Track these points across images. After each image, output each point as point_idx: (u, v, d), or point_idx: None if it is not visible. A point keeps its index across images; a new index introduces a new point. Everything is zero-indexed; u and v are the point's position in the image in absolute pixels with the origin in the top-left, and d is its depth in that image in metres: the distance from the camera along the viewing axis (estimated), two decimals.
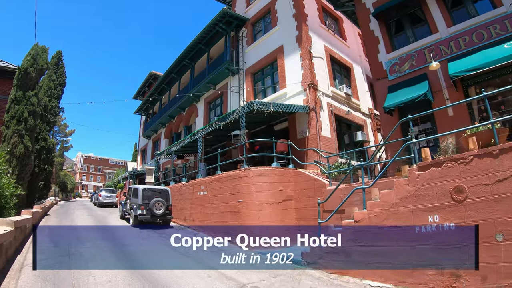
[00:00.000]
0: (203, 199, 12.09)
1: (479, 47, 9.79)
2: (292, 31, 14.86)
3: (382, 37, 12.26)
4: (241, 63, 16.95)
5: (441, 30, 10.76)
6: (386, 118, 11.53)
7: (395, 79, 11.50)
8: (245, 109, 11.69)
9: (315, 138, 13.11)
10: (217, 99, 18.78)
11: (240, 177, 10.79)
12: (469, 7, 10.59)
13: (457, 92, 10.12)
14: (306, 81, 13.86)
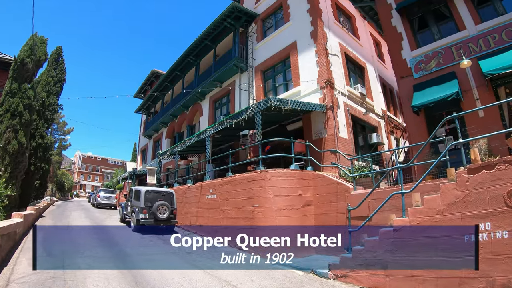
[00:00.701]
0: (212, 203, 11.13)
1: (510, 45, 9.37)
2: (307, 27, 14.05)
3: (405, 33, 11.69)
4: (250, 60, 16.07)
5: (469, 28, 10.35)
6: (412, 118, 10.86)
7: (421, 77, 10.94)
8: (261, 105, 10.78)
9: (333, 139, 12.25)
10: (223, 97, 17.87)
11: (255, 179, 9.85)
12: (496, 4, 10.26)
13: (487, 92, 9.65)
14: (323, 79, 13.02)
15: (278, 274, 7.04)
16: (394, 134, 17.44)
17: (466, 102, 9.91)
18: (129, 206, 12.14)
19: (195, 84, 18.45)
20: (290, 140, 10.91)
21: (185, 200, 12.62)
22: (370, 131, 15.23)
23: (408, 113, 10.98)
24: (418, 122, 10.74)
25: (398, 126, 18.37)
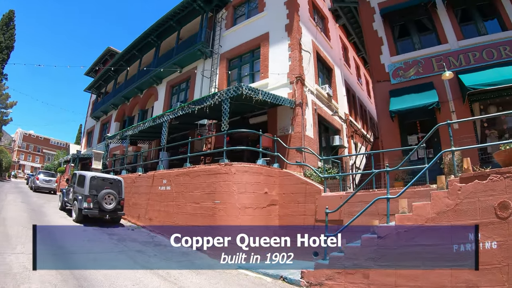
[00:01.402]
0: (165, 196, 9.87)
1: (489, 64, 9.92)
2: (282, 19, 13.29)
3: (386, 38, 11.70)
4: (216, 47, 14.95)
5: (451, 42, 10.77)
6: (386, 122, 10.76)
7: (398, 84, 10.98)
8: (230, 92, 9.78)
9: (300, 137, 11.59)
10: (182, 83, 16.53)
11: (218, 173, 8.82)
12: (479, 24, 10.84)
13: (463, 105, 9.97)
14: (294, 74, 12.33)
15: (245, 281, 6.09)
16: (354, 138, 17.34)
17: (442, 113, 10.08)
18: (71, 193, 10.52)
19: (153, 66, 16.89)
20: (259, 133, 10.05)
21: (134, 190, 11.18)
22: (333, 133, 14.86)
23: (382, 117, 10.87)
24: (391, 128, 10.65)
25: (357, 131, 18.36)
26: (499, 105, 9.93)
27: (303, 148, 11.12)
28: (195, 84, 15.19)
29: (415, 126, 10.75)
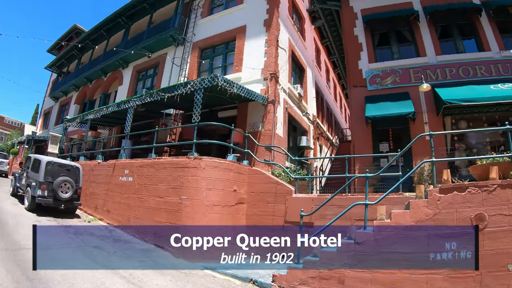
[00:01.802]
0: (127, 187, 9.20)
1: (464, 81, 10.32)
2: (261, 14, 12.95)
3: (366, 45, 11.80)
4: (190, 35, 14.31)
5: (430, 56, 11.08)
6: (359, 128, 10.81)
7: (374, 90, 11.09)
8: (205, 82, 9.29)
9: (270, 134, 11.34)
10: (150, 69, 15.69)
11: (186, 167, 8.31)
12: (458, 42, 11.28)
13: (436, 118, 10.25)
14: (269, 70, 12.04)
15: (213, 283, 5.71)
16: (319, 141, 17.41)
17: (415, 124, 10.36)
18: (25, 178, 9.52)
19: (122, 49, 15.93)
20: (231, 127, 9.63)
21: (92, 179, 10.33)
22: (300, 133, 14.79)
23: (356, 122, 10.90)
24: (365, 133, 10.71)
25: (323, 134, 18.44)
26: (469, 120, 10.36)
27: (274, 147, 10.86)
28: (164, 71, 14.48)
29: (388, 133, 10.88)
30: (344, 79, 25.17)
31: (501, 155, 6.32)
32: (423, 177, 8.65)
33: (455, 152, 10.10)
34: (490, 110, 10.06)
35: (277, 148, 11.24)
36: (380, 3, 11.96)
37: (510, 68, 10.34)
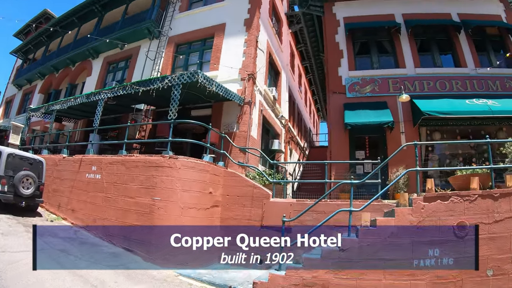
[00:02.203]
0: (94, 185, 8.56)
1: (441, 94, 10.77)
2: (242, 13, 12.72)
3: (347, 52, 11.95)
4: (166, 29, 13.76)
5: (409, 67, 11.43)
6: (337, 134, 10.97)
7: (353, 98, 11.26)
8: (184, 78, 8.89)
9: (245, 136, 11.11)
10: (122, 61, 14.94)
11: (161, 166, 7.86)
12: (436, 57, 11.74)
13: (412, 128, 10.56)
14: (247, 71, 11.81)
15: None
16: (290, 145, 17.37)
17: (392, 133, 10.62)
18: None
19: (93, 38, 15.05)
20: (208, 127, 9.31)
21: (55, 174, 9.54)
22: (272, 137, 14.61)
23: (334, 128, 11.00)
24: (342, 140, 10.83)
25: (293, 138, 18.43)
26: (443, 132, 10.83)
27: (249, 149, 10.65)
28: (136, 64, 13.82)
29: (364, 141, 11.05)
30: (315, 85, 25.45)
31: (481, 166, 6.91)
32: (399, 185, 8.82)
33: (428, 162, 10.43)
34: (463, 124, 10.50)
35: (253, 150, 11.04)
36: (362, 13, 12.23)
37: (484, 84, 10.86)
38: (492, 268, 5.41)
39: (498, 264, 5.40)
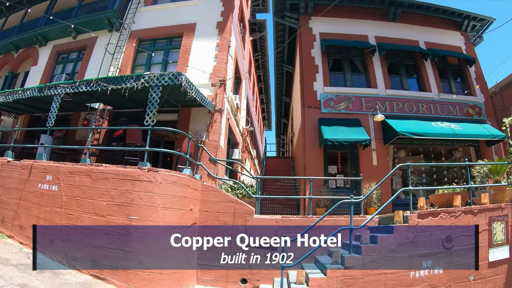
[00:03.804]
0: (49, 198, 7.15)
1: (409, 115, 11.40)
2: (215, 15, 12.13)
3: (322, 67, 12.06)
4: (129, 21, 12.47)
5: (380, 88, 11.88)
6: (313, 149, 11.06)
7: (328, 113, 11.41)
8: (165, 79, 7.97)
9: (215, 146, 10.53)
10: (74, 51, 13.14)
11: (138, 180, 6.82)
12: (403, 80, 12.40)
13: (383, 146, 11.05)
14: (219, 76, 11.22)
15: None
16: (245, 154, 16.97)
17: (364, 150, 10.94)
18: None
19: (42, 23, 13.00)
20: (188, 135, 8.48)
21: None
22: (232, 146, 14.04)
23: (310, 143, 11.04)
24: (317, 155, 10.95)
25: (247, 147, 18.08)
26: (408, 150, 11.53)
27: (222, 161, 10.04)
28: (91, 57, 12.28)
29: (337, 156, 11.21)
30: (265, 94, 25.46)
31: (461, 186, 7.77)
32: (372, 200, 9.25)
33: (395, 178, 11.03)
34: (426, 143, 11.23)
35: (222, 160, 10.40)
36: (338, 31, 12.48)
37: (446, 109, 11.68)
38: (473, 274, 6.22)
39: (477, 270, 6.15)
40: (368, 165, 10.67)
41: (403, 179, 10.99)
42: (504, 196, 6.96)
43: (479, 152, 11.40)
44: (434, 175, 11.14)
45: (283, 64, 16.98)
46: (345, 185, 10.78)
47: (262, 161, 22.28)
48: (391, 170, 10.43)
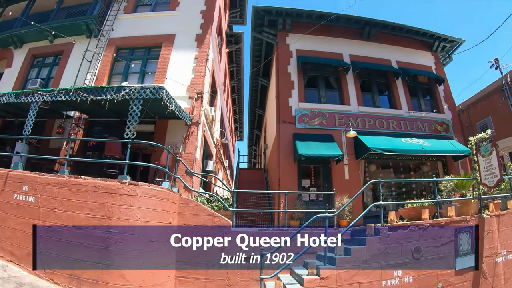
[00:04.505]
0: (26, 210, 7.03)
1: (380, 132, 11.95)
2: (195, 27, 12.31)
3: (298, 83, 12.43)
4: (108, 28, 12.38)
5: (353, 105, 12.40)
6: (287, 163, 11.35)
7: (302, 129, 11.76)
8: (146, 92, 8.04)
9: (191, 158, 10.63)
10: (50, 56, 12.86)
11: (118, 193, 6.87)
12: (375, 97, 12.94)
13: (354, 161, 11.56)
14: (196, 89, 11.37)
15: None
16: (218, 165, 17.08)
17: (336, 164, 11.35)
18: None
19: (18, 24, 12.62)
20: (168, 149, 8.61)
21: None
22: (206, 157, 14.15)
23: (284, 157, 11.34)
24: (291, 169, 11.27)
25: (220, 158, 18.19)
26: (378, 165, 12.06)
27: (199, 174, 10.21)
28: (68, 63, 12.05)
29: (310, 170, 11.59)
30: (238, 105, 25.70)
31: (429, 200, 8.15)
32: (345, 213, 9.53)
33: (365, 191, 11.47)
34: (396, 158, 11.76)
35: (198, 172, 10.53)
36: (314, 48, 12.94)
37: (415, 126, 12.35)
38: (441, 281, 6.64)
39: (445, 278, 6.67)
40: (341, 179, 11.08)
41: (374, 192, 11.50)
42: (470, 209, 7.48)
43: (446, 167, 12.10)
44: (403, 188, 11.72)
45: (258, 78, 17.28)
46: (318, 198, 11.15)
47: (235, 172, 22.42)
48: (362, 183, 11.10)
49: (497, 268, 7.19)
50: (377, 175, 11.53)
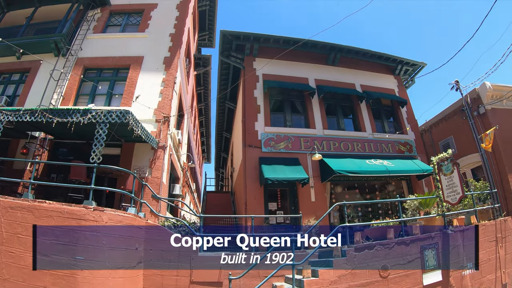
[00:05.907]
0: None
1: (345, 154, 12.41)
2: (163, 50, 12.49)
3: (264, 107, 12.71)
4: (76, 48, 12.23)
5: (318, 128, 12.76)
6: (254, 187, 11.50)
7: (269, 153, 11.99)
8: (113, 116, 8.04)
9: (157, 182, 10.59)
10: (16, 73, 12.49)
11: (83, 219, 6.80)
12: (340, 120, 13.44)
13: (320, 183, 11.88)
14: (163, 112, 11.43)
15: None
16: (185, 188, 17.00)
17: (303, 187, 11.58)
18: None
19: None
20: (134, 174, 8.61)
21: None
22: (173, 181, 14.10)
23: (250, 181, 11.51)
24: (258, 193, 11.43)
25: (187, 181, 18.12)
26: (344, 186, 12.43)
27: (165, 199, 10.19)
28: (35, 81, 11.70)
29: (276, 193, 11.80)
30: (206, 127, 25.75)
31: (394, 220, 8.41)
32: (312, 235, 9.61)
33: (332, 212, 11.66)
34: (362, 180, 12.22)
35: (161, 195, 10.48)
36: (280, 72, 13.30)
37: (379, 147, 12.92)
38: None
39: None
40: (307, 201, 11.36)
41: (340, 212, 11.76)
42: (434, 226, 7.86)
43: (410, 185, 12.71)
44: (369, 208, 12.15)
45: (226, 101, 17.49)
46: (285, 220, 11.28)
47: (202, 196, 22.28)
48: (329, 205, 11.43)
49: (464, 281, 7.56)
50: (343, 196, 11.86)
